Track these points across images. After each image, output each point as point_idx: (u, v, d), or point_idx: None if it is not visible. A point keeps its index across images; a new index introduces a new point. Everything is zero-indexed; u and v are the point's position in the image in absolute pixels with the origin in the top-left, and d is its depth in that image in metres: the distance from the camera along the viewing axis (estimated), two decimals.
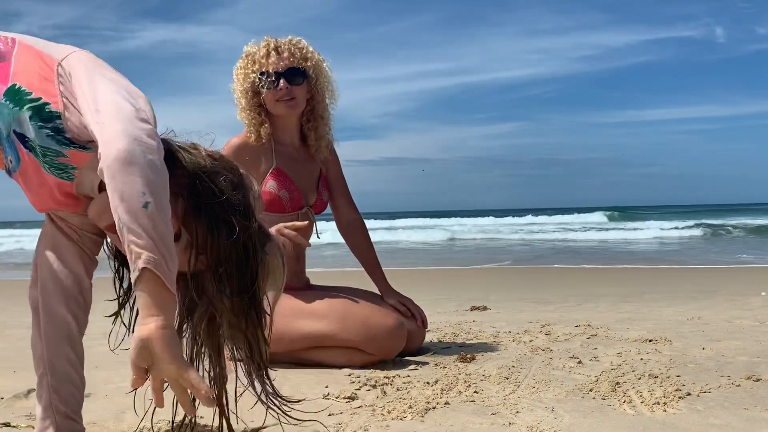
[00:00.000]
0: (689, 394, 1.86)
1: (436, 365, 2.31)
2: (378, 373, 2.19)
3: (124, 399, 1.91)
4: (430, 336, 2.94)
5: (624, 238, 16.19)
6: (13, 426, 1.65)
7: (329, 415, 1.72)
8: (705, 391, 1.90)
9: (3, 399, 1.92)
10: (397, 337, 2.34)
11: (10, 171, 1.28)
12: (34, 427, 1.34)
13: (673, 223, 21.17)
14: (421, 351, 2.57)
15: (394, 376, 2.13)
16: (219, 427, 1.33)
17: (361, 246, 2.68)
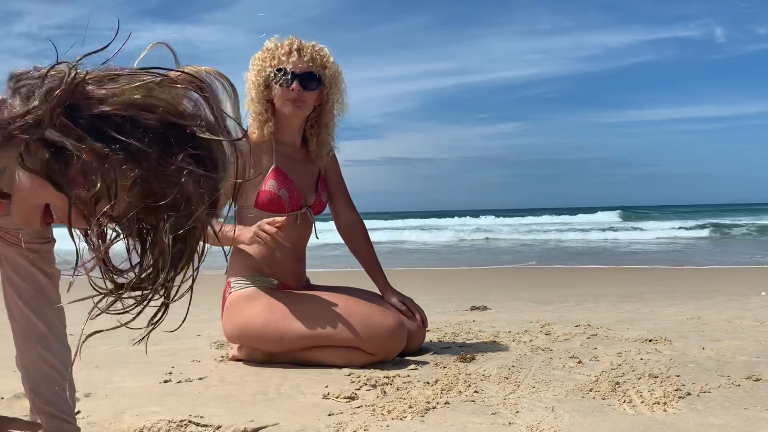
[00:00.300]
0: (689, 394, 1.86)
1: (436, 365, 2.31)
2: (378, 373, 2.19)
3: (124, 399, 1.91)
4: (430, 336, 2.94)
5: (630, 238, 16.18)
6: None
7: (329, 415, 1.72)
8: (705, 391, 1.90)
9: (3, 399, 1.92)
10: (397, 337, 2.34)
11: None
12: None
13: (675, 223, 21.19)
14: (421, 351, 2.57)
15: (394, 376, 2.13)
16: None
17: (361, 246, 2.68)
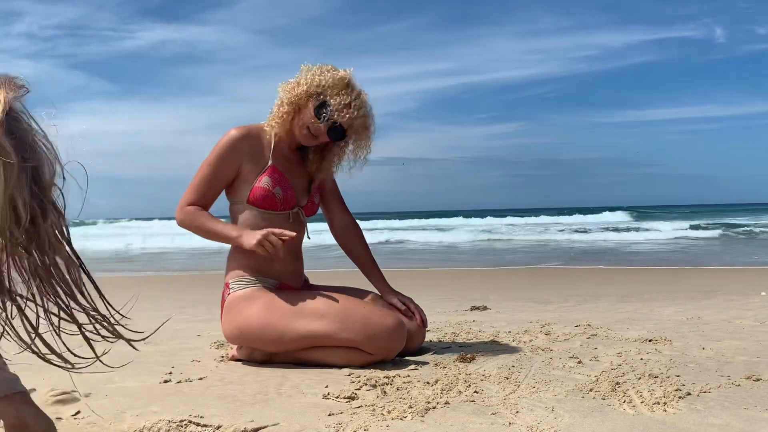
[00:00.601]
0: (689, 394, 1.86)
1: (436, 365, 2.31)
2: (378, 373, 2.19)
3: (124, 399, 1.91)
4: (430, 336, 2.94)
5: (632, 239, 16.18)
6: None
7: (329, 415, 1.72)
8: (705, 391, 1.89)
9: None
10: (397, 337, 2.34)
11: None
12: None
13: (677, 223, 21.20)
14: (421, 351, 2.57)
15: (394, 376, 2.13)
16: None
17: (357, 247, 2.68)
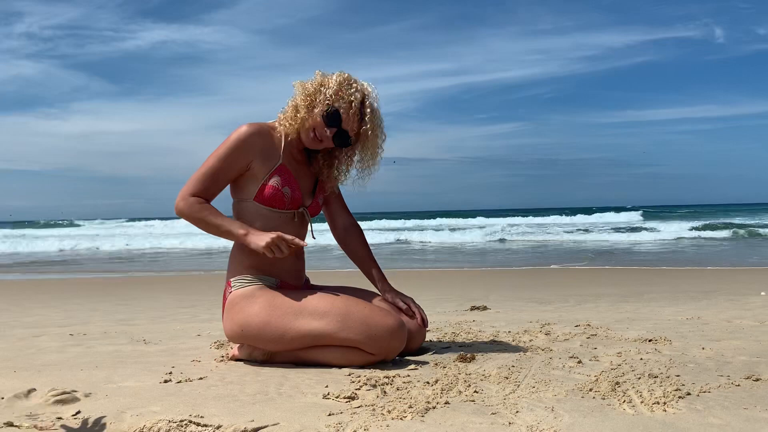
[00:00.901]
0: (689, 394, 1.86)
1: (436, 365, 2.31)
2: (378, 373, 2.19)
3: (124, 399, 1.91)
4: (430, 336, 2.94)
5: (633, 239, 16.19)
6: (16, 426, 1.65)
7: (329, 415, 1.72)
8: (705, 391, 1.90)
9: (3, 399, 1.92)
10: (398, 337, 2.34)
11: None
12: (37, 427, 1.33)
13: (678, 224, 21.21)
14: (421, 351, 2.57)
15: (394, 376, 2.13)
16: None
17: (358, 248, 2.69)
